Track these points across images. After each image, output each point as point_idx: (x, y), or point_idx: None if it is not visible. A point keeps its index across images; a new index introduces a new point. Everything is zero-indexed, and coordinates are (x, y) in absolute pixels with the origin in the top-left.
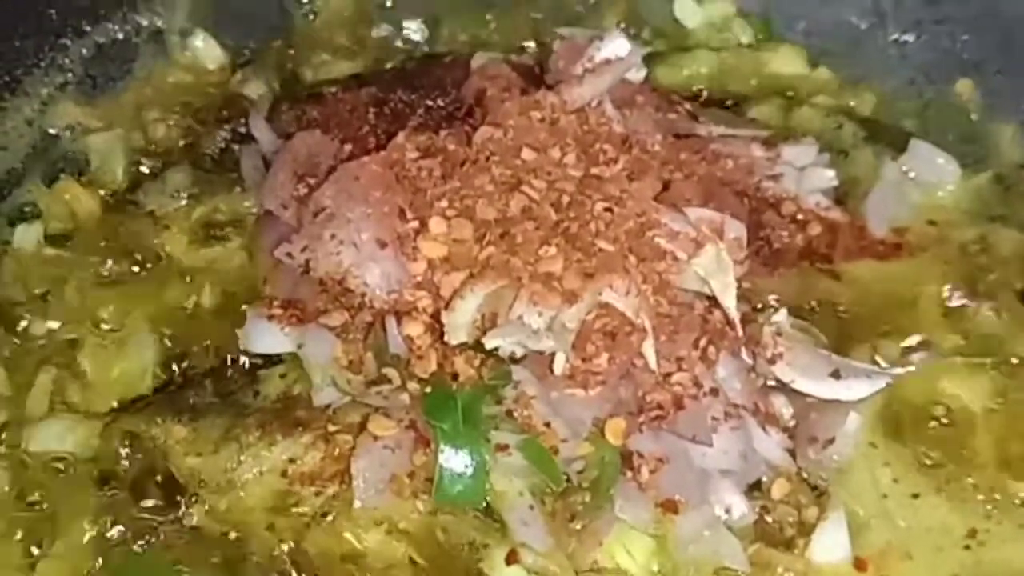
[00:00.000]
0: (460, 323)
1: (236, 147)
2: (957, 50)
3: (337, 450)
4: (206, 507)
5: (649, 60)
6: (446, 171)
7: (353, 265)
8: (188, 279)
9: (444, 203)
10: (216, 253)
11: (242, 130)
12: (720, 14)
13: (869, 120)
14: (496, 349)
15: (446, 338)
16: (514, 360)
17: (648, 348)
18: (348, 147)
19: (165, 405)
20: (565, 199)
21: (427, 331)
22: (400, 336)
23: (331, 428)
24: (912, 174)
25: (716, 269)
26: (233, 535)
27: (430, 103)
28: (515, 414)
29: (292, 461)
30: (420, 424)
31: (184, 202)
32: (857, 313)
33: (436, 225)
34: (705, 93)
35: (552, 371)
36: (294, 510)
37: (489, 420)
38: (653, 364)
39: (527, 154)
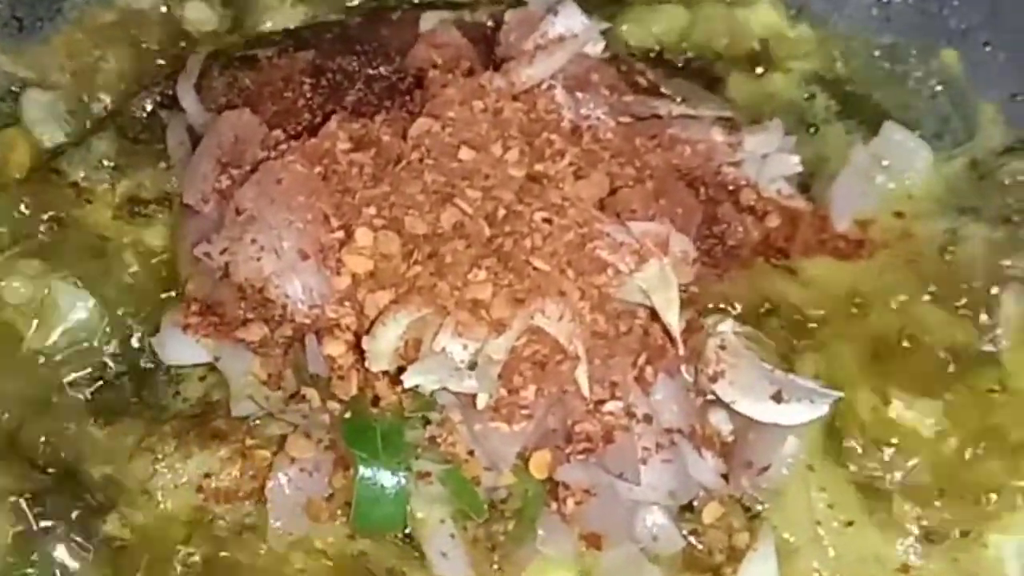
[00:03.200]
0: (382, 350)
1: (164, 114)
2: (944, 15)
3: (254, 468)
4: (121, 516)
5: (616, 15)
6: (377, 169)
7: (274, 274)
8: (111, 257)
9: (372, 210)
10: (140, 232)
11: (172, 92)
12: None
13: (843, 92)
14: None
15: (367, 364)
16: None
17: (581, 375)
18: (276, 133)
19: (81, 403)
20: (501, 211)
21: (349, 351)
22: (321, 355)
23: (249, 442)
24: (885, 162)
25: (659, 285)
26: (148, 546)
27: (371, 71)
28: (438, 439)
29: (208, 476)
30: (340, 445)
31: (108, 175)
32: (810, 317)
33: (362, 237)
34: (673, 55)
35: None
36: (210, 525)
37: (411, 448)
38: (585, 391)
39: (465, 154)
